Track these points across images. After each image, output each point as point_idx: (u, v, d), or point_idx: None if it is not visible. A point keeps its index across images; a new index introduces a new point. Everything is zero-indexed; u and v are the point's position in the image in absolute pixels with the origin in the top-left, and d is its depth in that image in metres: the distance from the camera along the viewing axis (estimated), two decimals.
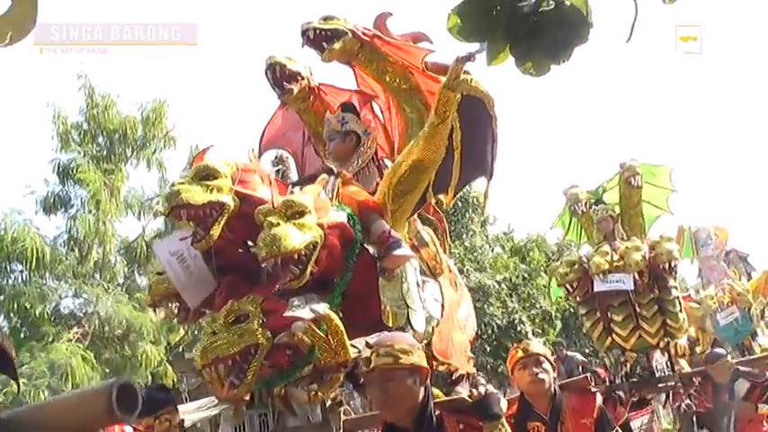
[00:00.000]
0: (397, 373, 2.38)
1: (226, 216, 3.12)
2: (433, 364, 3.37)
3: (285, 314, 3.00)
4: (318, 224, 3.14)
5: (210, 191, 3.10)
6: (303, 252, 3.03)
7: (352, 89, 4.33)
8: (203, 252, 3.24)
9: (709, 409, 5.82)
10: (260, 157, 4.34)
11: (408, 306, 3.51)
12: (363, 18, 4.07)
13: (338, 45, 3.86)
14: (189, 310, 3.45)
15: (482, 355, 14.11)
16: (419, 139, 3.63)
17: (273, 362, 3.07)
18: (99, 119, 13.61)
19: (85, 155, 13.66)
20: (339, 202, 3.47)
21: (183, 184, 3.13)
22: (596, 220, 6.05)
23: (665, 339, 5.52)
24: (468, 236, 16.70)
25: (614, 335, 5.51)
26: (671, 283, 5.59)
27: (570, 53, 2.05)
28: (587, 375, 4.02)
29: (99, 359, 12.36)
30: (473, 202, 16.22)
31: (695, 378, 5.72)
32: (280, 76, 3.98)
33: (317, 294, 3.16)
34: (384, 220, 3.55)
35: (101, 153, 13.86)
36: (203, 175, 3.15)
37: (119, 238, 14.28)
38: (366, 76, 4.18)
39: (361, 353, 2.88)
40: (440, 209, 4.33)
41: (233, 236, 3.32)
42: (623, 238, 5.90)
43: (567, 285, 5.75)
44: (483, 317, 14.49)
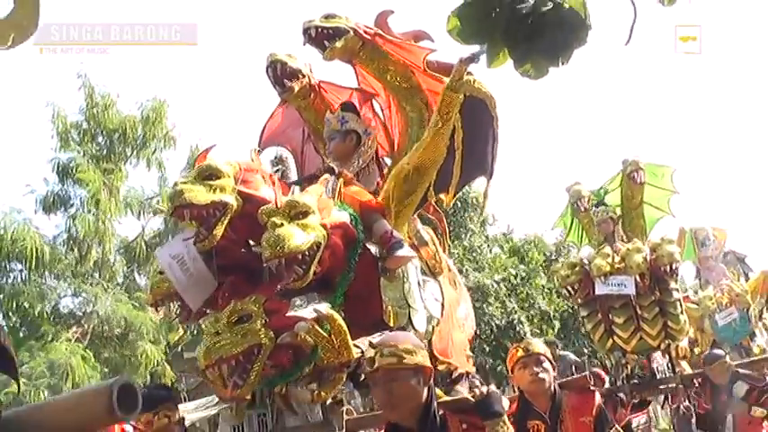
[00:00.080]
0: (401, 373, 2.37)
1: (229, 216, 3.12)
2: (434, 364, 3.37)
3: (288, 314, 3.00)
4: (321, 224, 3.13)
5: (214, 191, 3.10)
6: (307, 252, 3.03)
7: (353, 87, 4.32)
8: (205, 252, 3.23)
9: (707, 410, 5.82)
10: (260, 153, 4.34)
11: (410, 306, 3.51)
12: (364, 17, 4.05)
13: (340, 43, 3.84)
14: (191, 311, 3.44)
15: (481, 355, 14.13)
16: (423, 141, 3.62)
17: (276, 362, 3.07)
18: (99, 118, 13.62)
19: (85, 154, 13.67)
20: (341, 202, 3.47)
21: (187, 183, 3.13)
22: (597, 222, 6.04)
23: (665, 341, 5.49)
24: (468, 236, 16.71)
25: (615, 337, 5.49)
26: (672, 285, 5.56)
27: (569, 55, 2.05)
28: (586, 374, 4.03)
29: (98, 358, 12.36)
30: (472, 203, 16.24)
31: (696, 379, 5.71)
32: (281, 73, 3.96)
33: (318, 294, 3.16)
34: (386, 220, 3.55)
35: (100, 152, 13.87)
36: (206, 175, 3.15)
37: (118, 238, 14.30)
38: (367, 74, 4.16)
39: (363, 353, 2.89)
40: (440, 208, 4.34)
41: (235, 236, 3.33)
42: (624, 241, 5.90)
43: (569, 287, 5.73)
44: (482, 317, 14.51)
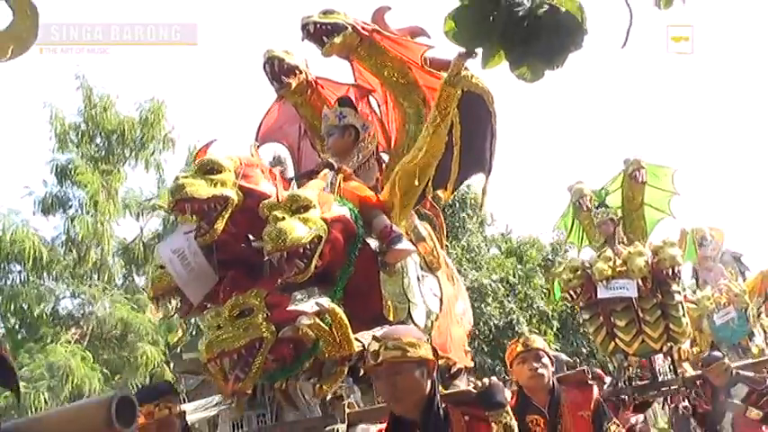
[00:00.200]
0: (406, 366, 2.38)
1: (229, 210, 3.14)
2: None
3: (289, 308, 3.02)
4: (322, 218, 3.15)
5: (214, 185, 3.12)
6: (308, 246, 3.04)
7: (350, 83, 4.34)
8: (205, 246, 3.25)
9: (707, 410, 5.83)
10: (257, 149, 4.34)
11: (409, 300, 3.52)
12: (361, 12, 4.06)
13: (338, 39, 3.84)
14: (191, 305, 3.46)
15: (480, 355, 14.12)
16: (423, 138, 3.63)
17: (277, 356, 3.09)
18: (97, 120, 13.62)
19: (83, 156, 13.66)
20: (340, 196, 3.48)
21: (188, 177, 3.14)
22: (597, 223, 6.03)
23: (668, 344, 5.45)
24: (466, 236, 16.73)
25: (617, 340, 5.46)
26: (674, 287, 5.51)
27: (564, 59, 2.05)
28: (584, 369, 4.03)
29: (98, 360, 12.33)
30: (471, 203, 16.27)
31: (697, 381, 5.71)
32: (278, 69, 3.98)
33: (318, 288, 3.18)
34: (386, 215, 3.57)
35: (99, 154, 13.86)
36: (207, 169, 3.17)
37: (117, 239, 14.28)
38: (364, 70, 4.18)
39: (365, 346, 2.90)
40: (437, 204, 4.36)
41: (236, 230, 3.34)
42: (624, 242, 5.91)
43: (571, 291, 5.73)
44: (480, 317, 14.52)
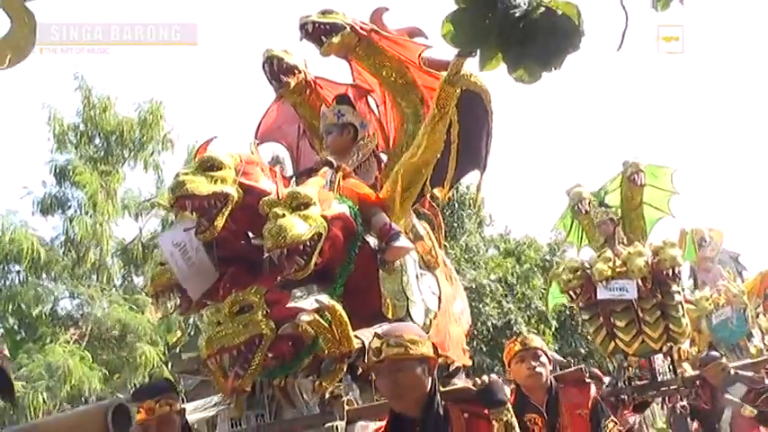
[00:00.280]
0: (407, 363, 2.38)
1: (230, 207, 3.15)
2: None
3: (288, 305, 3.02)
4: (322, 216, 3.16)
5: (215, 182, 3.13)
6: (308, 243, 3.06)
7: (348, 83, 4.35)
8: (206, 243, 3.26)
9: (706, 410, 5.84)
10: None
11: (408, 298, 3.53)
12: (359, 13, 4.08)
13: (337, 39, 3.86)
14: (191, 302, 3.47)
15: (478, 355, 14.12)
16: (423, 137, 3.65)
17: (277, 352, 3.10)
18: (96, 120, 13.60)
19: (82, 156, 13.63)
20: (340, 194, 3.49)
21: (188, 174, 3.15)
22: (597, 223, 6.05)
23: (667, 344, 5.45)
24: (465, 236, 16.73)
25: (617, 340, 5.47)
26: (674, 288, 5.52)
27: (562, 61, 2.05)
28: (582, 367, 4.05)
29: (97, 360, 12.31)
30: (469, 203, 16.29)
31: (696, 381, 5.71)
32: (277, 69, 4.00)
33: (318, 286, 3.19)
34: (385, 213, 3.58)
35: (98, 154, 13.82)
36: (207, 166, 3.18)
37: (115, 240, 14.24)
38: (363, 70, 4.20)
39: (364, 343, 2.92)
40: (435, 204, 4.37)
41: (236, 227, 3.36)
42: (624, 242, 5.92)
43: (571, 292, 5.73)
44: (479, 317, 14.52)
